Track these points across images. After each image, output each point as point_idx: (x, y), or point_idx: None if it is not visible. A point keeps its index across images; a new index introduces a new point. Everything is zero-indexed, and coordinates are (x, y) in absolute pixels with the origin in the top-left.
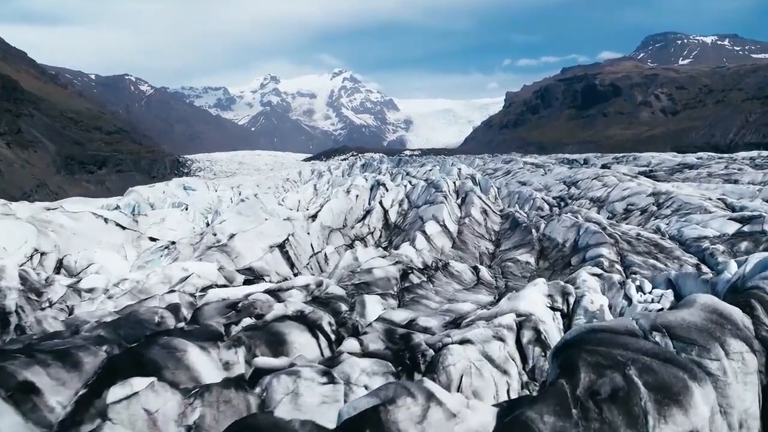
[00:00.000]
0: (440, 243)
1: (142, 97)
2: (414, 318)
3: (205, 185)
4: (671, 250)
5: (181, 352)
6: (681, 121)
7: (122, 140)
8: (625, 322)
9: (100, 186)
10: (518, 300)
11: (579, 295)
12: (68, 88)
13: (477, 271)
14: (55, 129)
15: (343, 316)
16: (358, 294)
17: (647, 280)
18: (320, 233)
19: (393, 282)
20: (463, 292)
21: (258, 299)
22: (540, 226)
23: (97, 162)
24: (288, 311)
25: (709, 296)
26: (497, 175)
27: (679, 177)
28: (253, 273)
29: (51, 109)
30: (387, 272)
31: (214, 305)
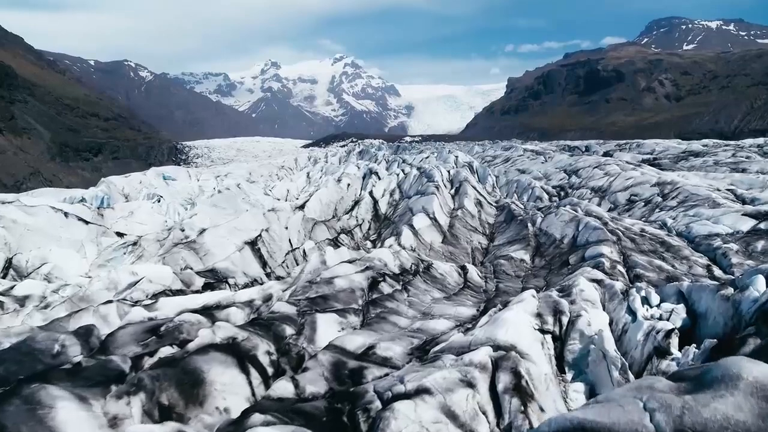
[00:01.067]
0: (429, 238)
1: (142, 83)
2: (373, 344)
3: (186, 174)
4: (679, 248)
5: (45, 410)
6: (685, 108)
7: (119, 127)
8: (632, 414)
9: (96, 173)
10: (499, 325)
11: (574, 314)
12: (66, 74)
13: (465, 271)
14: (50, 115)
15: (288, 342)
16: (311, 312)
17: (654, 291)
18: (302, 226)
19: (358, 294)
20: (442, 303)
21: (185, 321)
22: (536, 220)
23: (93, 149)
24: (216, 338)
25: (760, 369)
26: (496, 162)
27: (684, 165)
28: (216, 275)
29: (46, 95)
30: (351, 282)
31: (131, 329)
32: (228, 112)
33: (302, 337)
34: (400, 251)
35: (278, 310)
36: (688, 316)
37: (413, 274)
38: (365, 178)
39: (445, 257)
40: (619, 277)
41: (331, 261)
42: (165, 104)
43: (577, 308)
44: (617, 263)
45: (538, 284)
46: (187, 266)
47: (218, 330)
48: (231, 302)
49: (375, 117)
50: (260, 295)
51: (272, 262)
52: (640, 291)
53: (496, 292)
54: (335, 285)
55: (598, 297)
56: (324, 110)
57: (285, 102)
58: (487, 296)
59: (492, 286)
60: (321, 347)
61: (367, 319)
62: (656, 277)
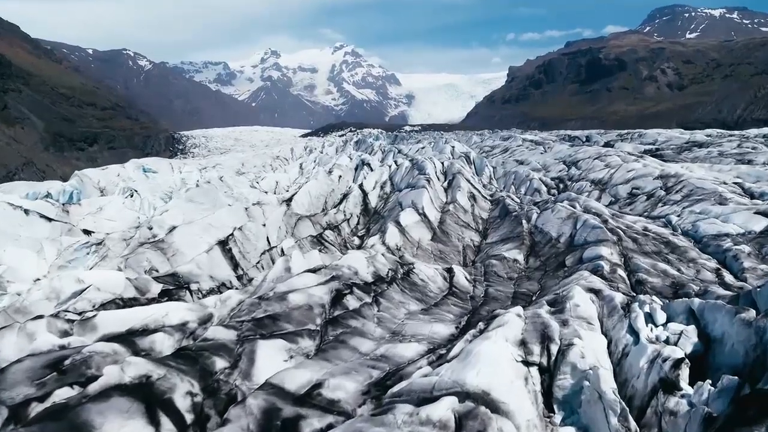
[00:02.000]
0: (417, 235)
1: (141, 72)
2: (321, 380)
3: (169, 166)
4: (685, 250)
5: None
6: (687, 97)
7: (116, 116)
8: None
9: (91, 164)
10: (470, 364)
11: (565, 342)
12: (63, 63)
13: (451, 275)
14: (44, 105)
15: (218, 378)
16: (253, 338)
17: (660, 307)
18: (285, 222)
19: (317, 311)
20: (417, 319)
21: (97, 352)
22: (532, 216)
23: (88, 139)
24: (125, 377)
25: None
26: (495, 152)
27: (688, 156)
28: (177, 280)
29: (41, 84)
30: (310, 297)
31: (28, 363)
32: (228, 102)
33: (237, 372)
34: (376, 255)
35: (213, 337)
36: (700, 340)
37: (389, 282)
38: (358, 170)
39: (434, 256)
40: (620, 283)
41: (296, 267)
42: (164, 93)
43: (570, 332)
44: (617, 267)
45: (531, 288)
46: (151, 268)
47: (128, 367)
48: (160, 325)
49: (375, 106)
50: (197, 316)
51: (245, 263)
52: (644, 306)
53: (485, 298)
54: (289, 302)
55: (595, 312)
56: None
57: (285, 91)
58: (474, 304)
59: (481, 291)
60: (259, 383)
61: (324, 342)
62: (660, 284)
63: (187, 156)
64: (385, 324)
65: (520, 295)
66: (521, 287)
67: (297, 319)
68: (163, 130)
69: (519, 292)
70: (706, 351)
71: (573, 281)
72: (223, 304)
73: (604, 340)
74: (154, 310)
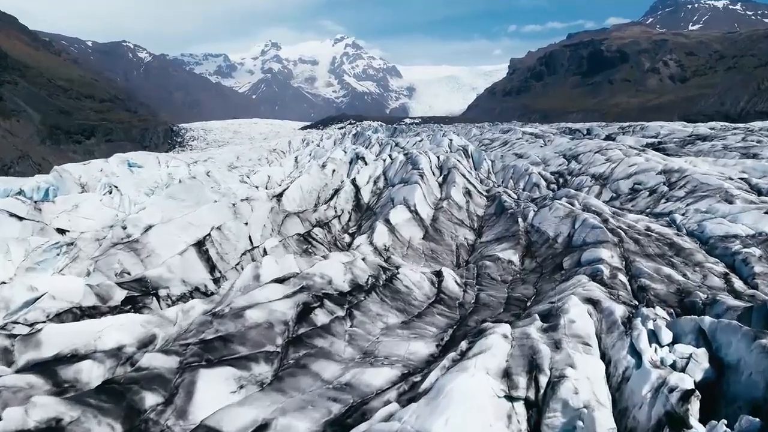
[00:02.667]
0: (408, 233)
1: (141, 64)
2: (268, 420)
3: (156, 160)
4: (691, 252)
5: None
6: (690, 89)
7: (114, 109)
8: None
9: (88, 156)
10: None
11: (556, 373)
12: (62, 55)
13: (439, 279)
14: (41, 97)
15: (146, 418)
16: (196, 365)
17: (665, 324)
18: (271, 219)
19: (278, 330)
20: (395, 335)
21: (6, 387)
22: (528, 214)
23: (85, 131)
24: (29, 422)
25: None
26: (494, 146)
27: (691, 150)
28: (144, 285)
29: (38, 76)
30: (271, 314)
31: None
32: (228, 94)
33: (170, 409)
34: (355, 261)
35: (148, 365)
36: (711, 365)
37: (369, 291)
38: (352, 164)
39: (426, 256)
40: (621, 290)
41: (267, 274)
42: (164, 86)
43: (563, 359)
44: (618, 271)
45: (525, 293)
46: (123, 271)
47: (33, 409)
48: (91, 350)
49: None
50: (136, 338)
51: (223, 264)
52: (647, 322)
53: (475, 305)
54: (246, 319)
55: (592, 328)
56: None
57: (285, 83)
58: (463, 312)
59: (471, 297)
60: (196, 423)
61: (282, 367)
62: (665, 290)
63: (185, 149)
64: (357, 342)
65: (513, 300)
66: (515, 291)
67: (253, 340)
68: (161, 122)
69: (513, 297)
70: (719, 377)
71: (570, 288)
72: (185, 315)
73: (601, 366)
74: (96, 326)
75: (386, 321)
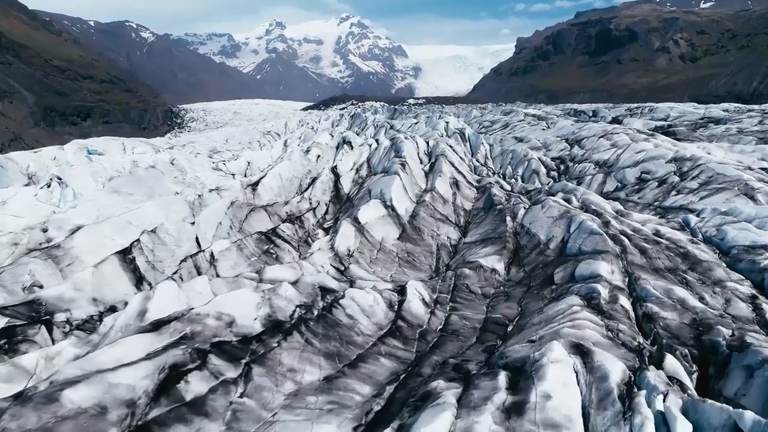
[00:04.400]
0: (380, 233)
1: (144, 44)
2: None
3: (121, 146)
4: (709, 266)
5: None
6: (700, 69)
7: (112, 90)
8: None
9: (83, 139)
10: None
11: None
12: (62, 35)
13: (402, 297)
14: (36, 78)
15: None
16: None
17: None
18: (231, 215)
19: (114, 417)
20: (301, 407)
21: None
22: (518, 212)
23: (81, 113)
24: None
25: None
26: (495, 128)
27: (704, 134)
28: (37, 309)
29: (34, 57)
30: (108, 390)
31: None
32: (232, 74)
33: None
34: (278, 289)
35: None
36: None
37: (291, 330)
38: (339, 149)
39: (399, 260)
40: (622, 320)
41: (157, 308)
42: (167, 66)
43: None
44: (619, 292)
45: (508, 312)
46: (34, 284)
47: None
48: None
49: (382, 78)
50: None
51: (155, 275)
52: (655, 396)
53: (441, 333)
54: (62, 405)
55: (575, 405)
56: (330, 71)
57: (290, 63)
58: (422, 347)
59: (439, 321)
60: None
61: None
62: (677, 321)
63: (183, 130)
64: (241, 425)
65: (491, 325)
66: (496, 311)
67: None
68: (161, 103)
69: (491, 320)
70: None
71: (557, 319)
72: (48, 363)
73: None
74: None
75: (300, 379)
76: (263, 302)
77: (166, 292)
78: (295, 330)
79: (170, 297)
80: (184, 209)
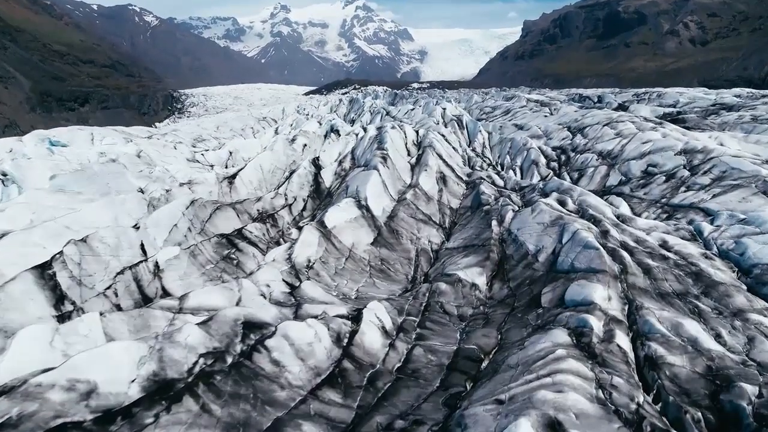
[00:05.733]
0: (351, 238)
1: (147, 28)
2: None
3: (89, 137)
4: (726, 291)
5: None
6: (711, 52)
7: (112, 74)
8: None
9: (82, 124)
10: None
11: None
12: (63, 19)
13: (356, 325)
14: (33, 63)
15: None
16: None
17: None
18: (191, 215)
19: None
20: None
21: None
22: (506, 216)
23: (79, 98)
24: None
25: None
26: (495, 114)
27: (715, 121)
28: None
29: (31, 41)
30: None
31: None
32: (236, 58)
33: None
34: (174, 335)
35: None
36: None
37: (183, 392)
38: (327, 138)
39: (372, 269)
40: (617, 366)
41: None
42: (171, 50)
43: None
44: (616, 325)
45: (484, 342)
46: None
47: None
48: None
49: (387, 62)
50: None
51: (82, 291)
52: None
53: (398, 376)
54: None
55: None
56: (335, 55)
57: (295, 47)
58: (366, 401)
59: (398, 357)
60: None
61: None
62: (687, 369)
63: (182, 115)
64: None
65: (462, 361)
66: (471, 339)
67: None
68: (161, 88)
69: (463, 353)
70: None
71: (536, 369)
72: None
73: None
74: None
75: None
76: (150, 356)
77: (32, 340)
78: (187, 393)
79: (38, 347)
80: (140, 209)
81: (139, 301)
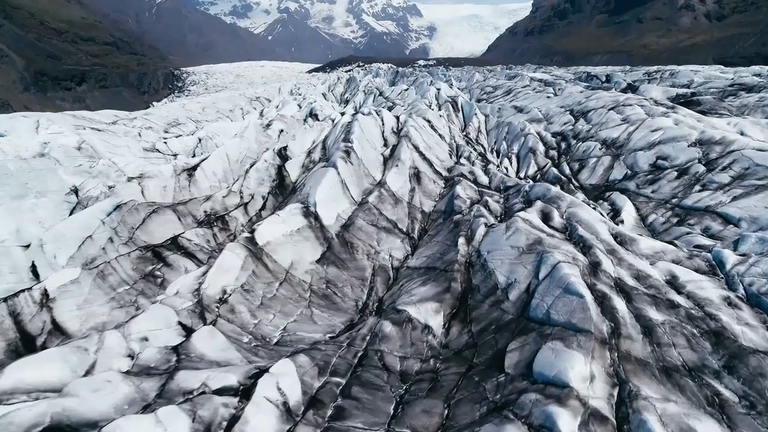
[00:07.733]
0: (289, 257)
1: (153, 4)
2: None
3: (34, 125)
4: (760, 363)
5: None
6: (727, 28)
7: (112, 52)
8: None
9: (78, 104)
10: None
11: None
12: None
13: (243, 404)
14: (28, 41)
15: None
16: None
17: None
18: (117, 221)
19: None
20: None
21: None
22: (477, 231)
23: (75, 77)
24: None
25: None
26: (496, 94)
27: (733, 104)
28: None
29: (27, 18)
30: None
31: None
32: (243, 35)
33: None
34: None
35: None
36: None
37: None
38: (306, 123)
39: (313, 294)
40: None
41: None
42: (177, 27)
43: None
44: (598, 425)
45: (422, 424)
46: None
47: None
48: None
49: (396, 39)
50: None
51: None
52: None
53: None
54: None
55: None
56: (343, 32)
57: (302, 24)
58: None
59: None
60: None
61: None
62: None
63: (182, 94)
64: None
65: None
66: (406, 416)
67: None
68: (162, 66)
69: None
70: None
71: None
72: None
73: None
74: None
75: None
76: None
77: None
78: None
79: None
80: (57, 215)
81: (14, 341)
